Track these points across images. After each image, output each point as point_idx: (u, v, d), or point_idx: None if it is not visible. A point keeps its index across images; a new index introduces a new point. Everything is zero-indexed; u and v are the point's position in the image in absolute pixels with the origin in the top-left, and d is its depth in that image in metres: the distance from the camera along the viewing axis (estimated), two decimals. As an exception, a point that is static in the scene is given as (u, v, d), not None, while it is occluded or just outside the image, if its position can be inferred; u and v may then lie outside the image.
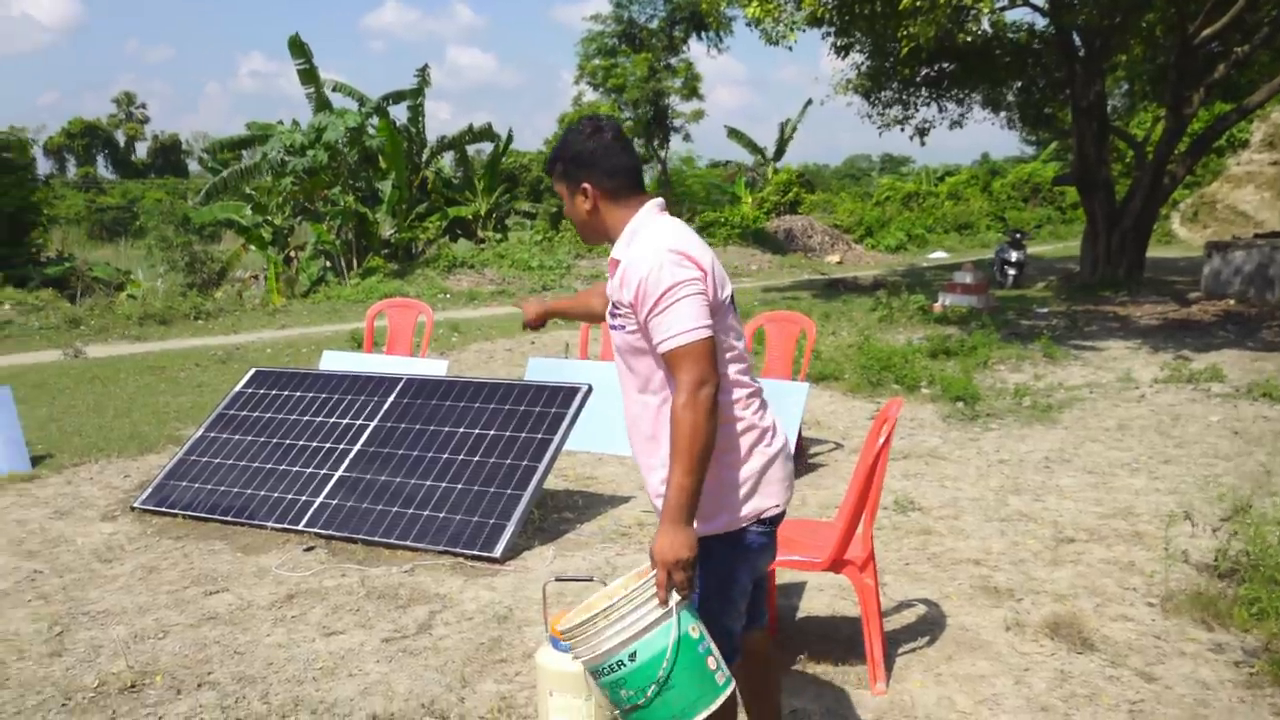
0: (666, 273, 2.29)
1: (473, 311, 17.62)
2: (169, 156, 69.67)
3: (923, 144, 22.80)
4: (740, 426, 2.43)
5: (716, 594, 2.41)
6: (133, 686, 3.65)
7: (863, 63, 17.98)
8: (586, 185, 2.47)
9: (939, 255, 30.87)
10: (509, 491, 5.13)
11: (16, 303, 16.19)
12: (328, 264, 22.14)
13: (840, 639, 3.97)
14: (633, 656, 2.19)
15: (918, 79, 18.41)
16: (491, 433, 5.50)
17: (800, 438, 6.44)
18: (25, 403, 8.58)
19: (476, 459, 5.37)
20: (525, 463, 5.26)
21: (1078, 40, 16.87)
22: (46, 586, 4.69)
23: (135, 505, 5.81)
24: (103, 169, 64.98)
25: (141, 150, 71.03)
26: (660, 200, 2.51)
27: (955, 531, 5.24)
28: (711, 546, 2.36)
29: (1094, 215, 17.83)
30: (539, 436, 5.38)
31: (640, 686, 2.19)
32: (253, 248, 22.26)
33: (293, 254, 22.76)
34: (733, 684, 2.29)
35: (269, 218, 22.31)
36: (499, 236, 26.16)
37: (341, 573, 4.79)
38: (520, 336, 13.69)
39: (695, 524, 2.28)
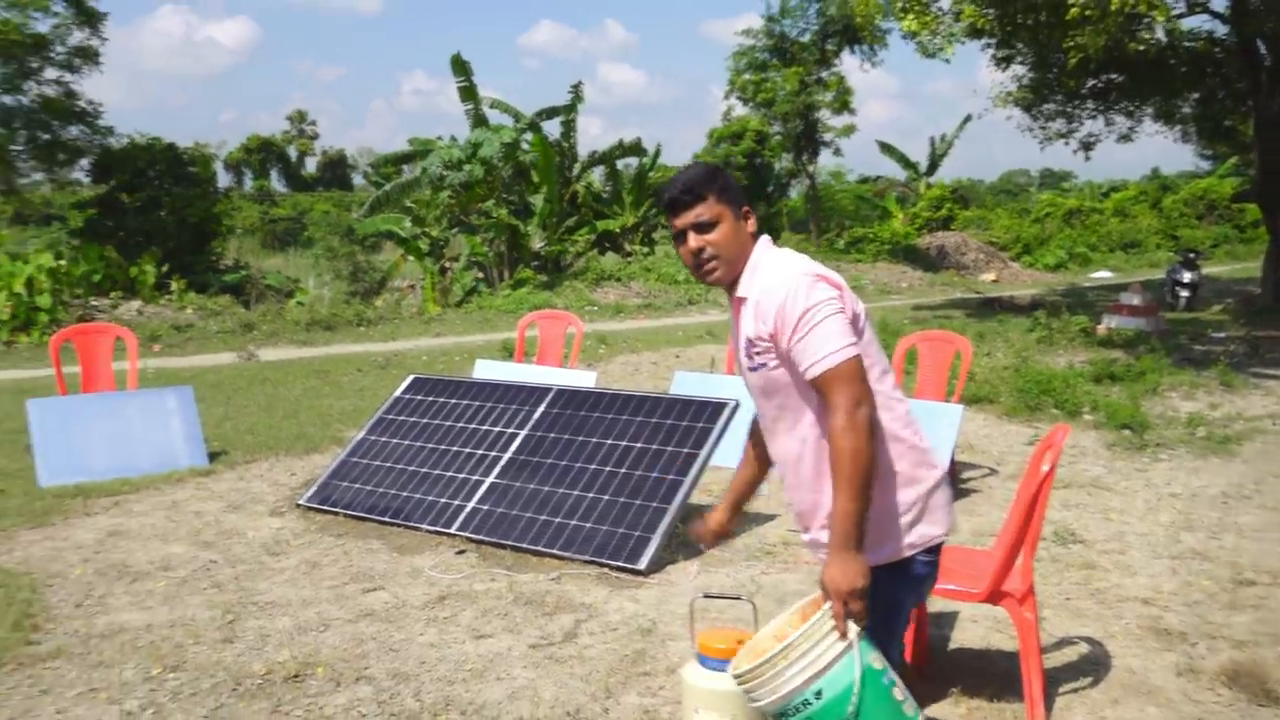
0: (803, 295, 2.25)
1: (618, 324, 17.84)
2: (336, 171, 73.28)
3: (1087, 159, 21.85)
4: (901, 448, 2.37)
5: (883, 624, 2.34)
6: (296, 676, 3.82)
7: (1024, 75, 17.39)
8: (748, 209, 2.46)
9: (1103, 275, 29.50)
10: (655, 505, 5.15)
11: (198, 307, 17.30)
12: (480, 275, 22.82)
13: (995, 674, 3.82)
14: (819, 695, 2.14)
15: (1083, 91, 17.67)
16: (639, 445, 5.54)
17: (953, 462, 6.23)
18: (203, 401, 9.14)
19: (623, 471, 5.41)
20: (671, 476, 5.27)
21: (1263, 49, 15.86)
22: (220, 576, 4.97)
23: (300, 502, 6.10)
24: (276, 182, 68.88)
25: (311, 165, 74.97)
26: (769, 237, 2.50)
27: (1121, 567, 4.97)
28: (878, 577, 2.26)
29: (1277, 234, 16.68)
30: (685, 451, 5.39)
31: None
32: (411, 258, 23.16)
33: (448, 265, 23.56)
34: (920, 714, 2.23)
35: (426, 230, 23.15)
36: (646, 250, 26.41)
37: (491, 577, 4.90)
38: (665, 349, 13.77)
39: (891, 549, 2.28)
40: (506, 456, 5.82)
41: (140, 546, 5.41)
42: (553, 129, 25.13)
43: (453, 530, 5.47)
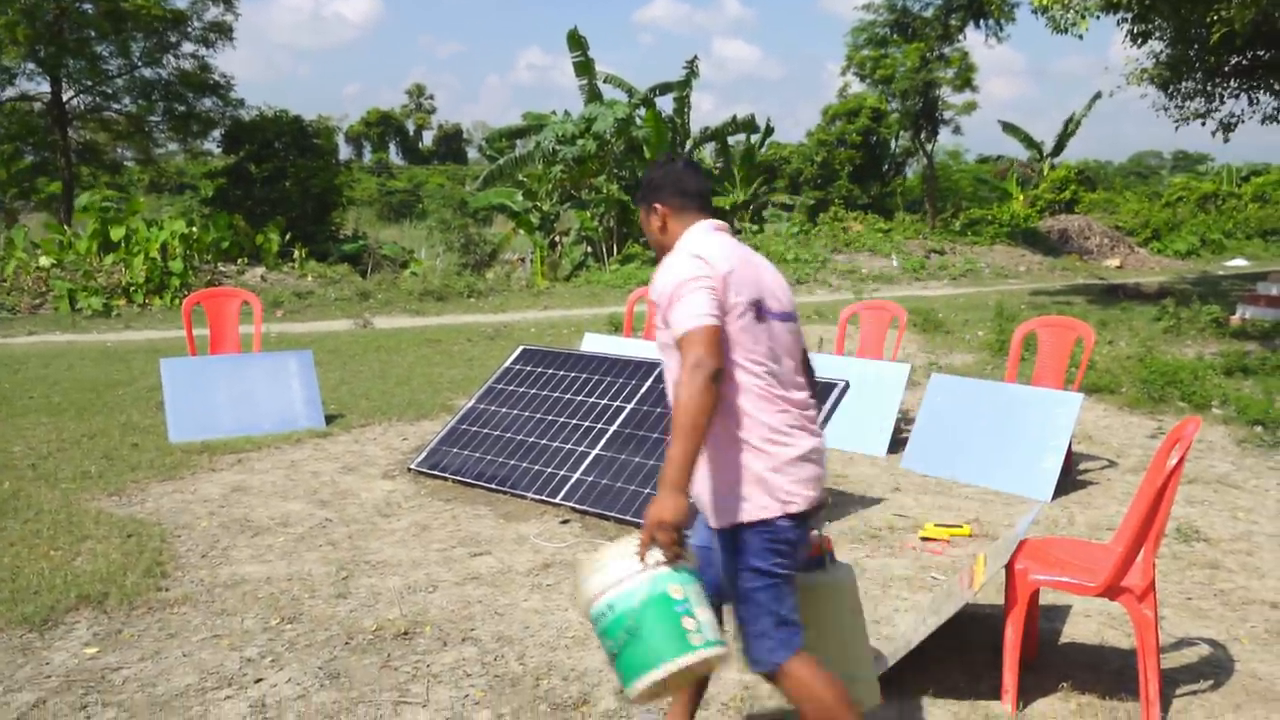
0: (682, 270, 2.54)
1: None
2: (451, 144, 74.66)
3: (1226, 140, 20.71)
4: (756, 422, 2.56)
5: (762, 587, 2.54)
6: (405, 634, 3.94)
7: (1162, 51, 16.55)
8: (657, 205, 2.77)
9: (1238, 263, 28.06)
10: (759, 483, 5.12)
11: (318, 276, 17.89)
12: (589, 250, 23.01)
13: (1109, 670, 3.69)
14: (611, 608, 2.38)
15: (1226, 68, 16.74)
16: (744, 423, 5.51)
17: (1070, 453, 6.03)
18: (321, 366, 9.47)
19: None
20: (777, 455, 5.23)
21: None
22: (335, 534, 5.15)
23: (411, 467, 6.27)
24: (394, 155, 70.57)
25: (428, 139, 76.59)
26: (717, 222, 2.74)
27: (1248, 569, 4.74)
28: (744, 536, 2.53)
29: None
30: (792, 430, 5.33)
31: (615, 636, 2.38)
32: (521, 232, 23.49)
33: (557, 239, 23.83)
34: (716, 649, 2.40)
35: (538, 204, 23.43)
36: (755, 228, 26.18)
37: (594, 547, 4.95)
38: (773, 329, 13.64)
39: (727, 517, 2.53)
40: (612, 429, 5.86)
41: (261, 503, 5.64)
42: (666, 104, 25.13)
43: (557, 500, 5.54)
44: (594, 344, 8.17)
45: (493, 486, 5.83)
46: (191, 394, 7.20)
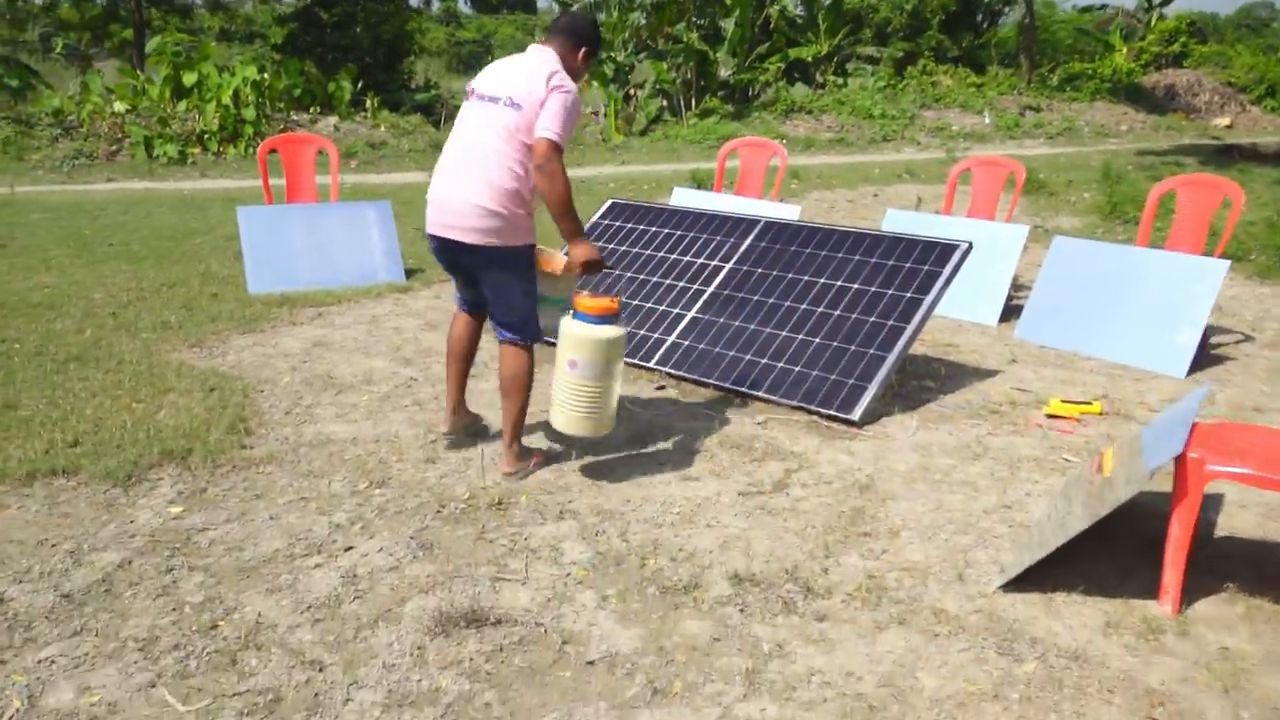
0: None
1: (809, 159, 16.99)
2: (520, -8, 72.19)
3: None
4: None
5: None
6: (499, 504, 3.71)
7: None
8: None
9: (1361, 125, 26.08)
10: (871, 351, 4.74)
11: (390, 125, 17.44)
12: (664, 103, 22.10)
13: (1276, 567, 3.32)
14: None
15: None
16: (855, 286, 5.09)
17: (1206, 328, 5.52)
18: (398, 219, 9.15)
19: (837, 313, 5.00)
20: (891, 322, 4.82)
21: None
22: (420, 394, 4.92)
23: (496, 325, 5.98)
24: (462, 4, 68.57)
25: (497, -14, 74.14)
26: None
27: None
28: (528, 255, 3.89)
29: None
30: (908, 295, 4.91)
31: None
32: (595, 84, 22.62)
33: (632, 92, 22.91)
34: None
35: (612, 54, 22.45)
36: (839, 81, 24.91)
37: (693, 416, 4.65)
38: (861, 187, 12.99)
39: (513, 240, 3.79)
40: (710, 290, 5.48)
41: (344, 359, 5.43)
42: (749, -54, 23.58)
43: (651, 364, 5.24)
44: (683, 199, 7.71)
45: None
46: (269, 244, 6.96)
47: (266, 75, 16.85)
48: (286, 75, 17.40)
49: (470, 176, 3.67)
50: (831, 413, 4.57)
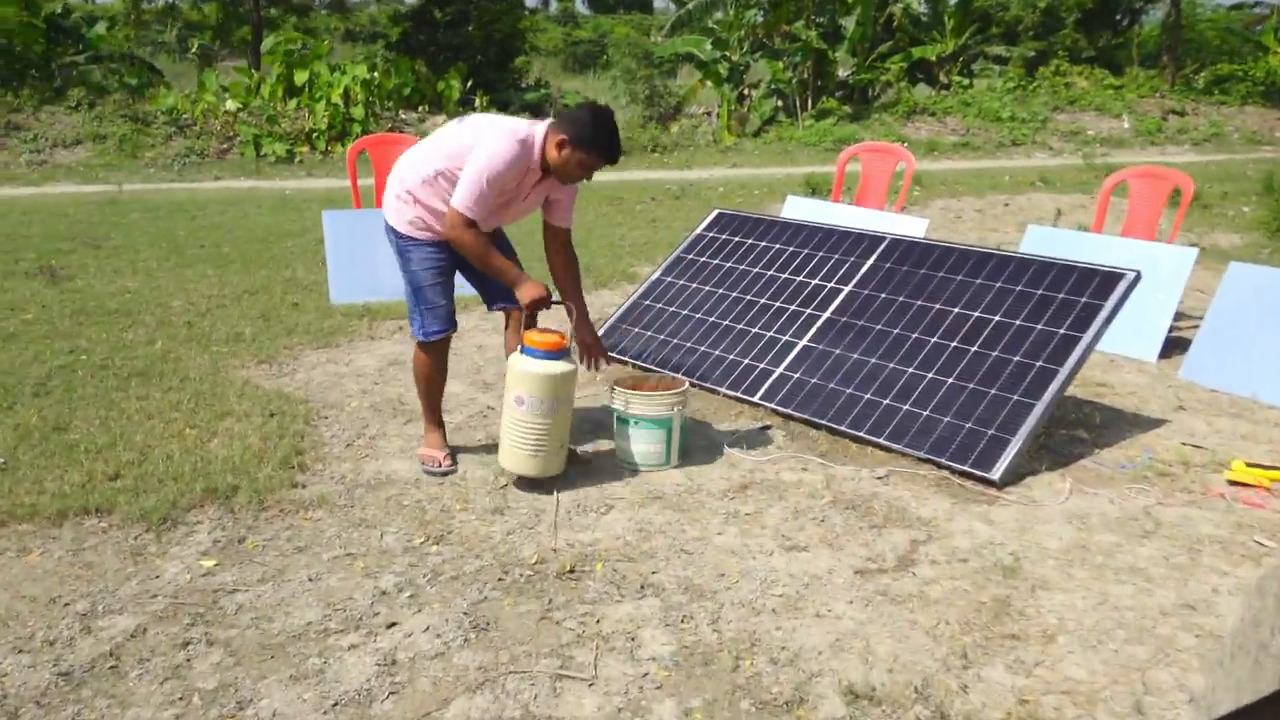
0: None
1: (932, 164, 16.07)
2: (638, -8, 72.02)
3: None
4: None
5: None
6: (570, 571, 3.16)
7: None
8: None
9: None
10: (1015, 397, 4.04)
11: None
12: (779, 104, 21.36)
13: None
14: None
15: None
16: (996, 319, 4.39)
17: None
18: (496, 223, 8.77)
19: (974, 350, 4.31)
20: (1040, 364, 4.11)
21: None
22: (496, 427, 4.41)
23: (586, 346, 5.47)
24: (579, 4, 68.79)
25: (614, -14, 74.13)
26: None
27: None
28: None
29: None
30: (1061, 332, 4.19)
31: None
32: (709, 84, 22.01)
33: (746, 92, 22.23)
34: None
35: (727, 53, 21.83)
36: (965, 82, 23.72)
37: (803, 465, 4.03)
38: (990, 196, 12.08)
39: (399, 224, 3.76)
40: (824, 316, 4.85)
41: (419, 381, 4.97)
42: (873, -59, 22.64)
43: (755, 399, 4.63)
44: (797, 209, 7.07)
45: (679, 377, 4.95)
46: (354, 251, 6.59)
47: (377, 74, 16.78)
48: (397, 74, 17.33)
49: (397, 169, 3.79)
50: (966, 469, 3.89)
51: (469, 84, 18.86)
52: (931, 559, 3.30)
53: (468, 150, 3.55)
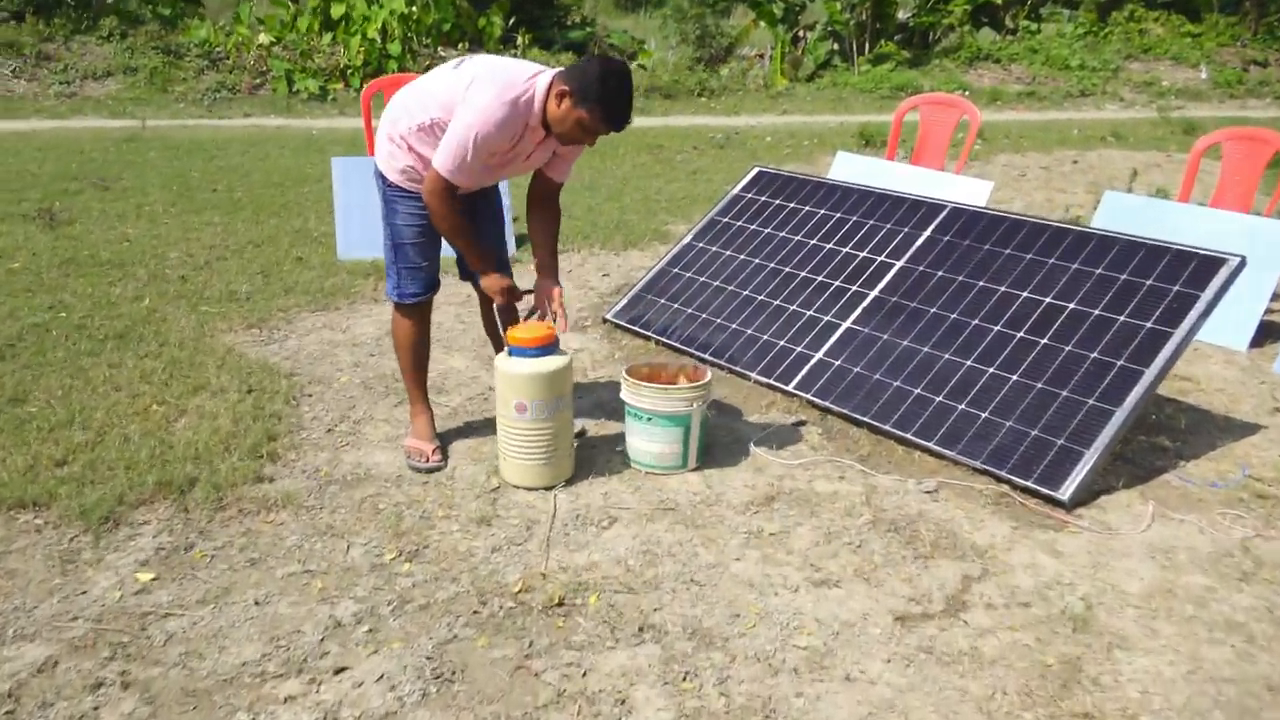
0: None
1: (995, 114, 15.19)
2: (693, -73, 70.13)
3: None
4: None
5: None
6: (559, 604, 2.70)
7: None
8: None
9: None
10: (1090, 402, 3.48)
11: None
12: (835, 46, 20.42)
13: None
14: None
15: None
16: (1071, 306, 3.81)
17: None
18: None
19: (1044, 342, 3.74)
20: (1121, 363, 3.54)
21: None
22: (495, 411, 3.95)
23: (607, 317, 4.97)
24: (633, -62, 67.03)
25: (669, -80, 72.24)
26: None
27: None
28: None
29: None
30: (1148, 325, 3.60)
31: None
32: (762, 24, 21.10)
33: (801, 33, 21.28)
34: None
35: (784, -9, 20.87)
36: (1033, 27, 22.52)
37: (840, 472, 3.52)
38: (1057, 152, 11.30)
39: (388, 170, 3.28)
40: (872, 294, 4.29)
41: (418, 353, 4.51)
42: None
43: (789, 387, 4.11)
44: (847, 167, 6.46)
45: (706, 357, 4.45)
46: (366, 201, 6.03)
47: (415, 8, 16.16)
48: (437, 9, 16.68)
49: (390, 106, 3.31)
50: (1030, 484, 3.35)
51: (511, 21, 18.16)
52: (987, 601, 2.79)
53: (460, 103, 3.03)
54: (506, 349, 3.27)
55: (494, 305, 3.63)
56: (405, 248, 3.33)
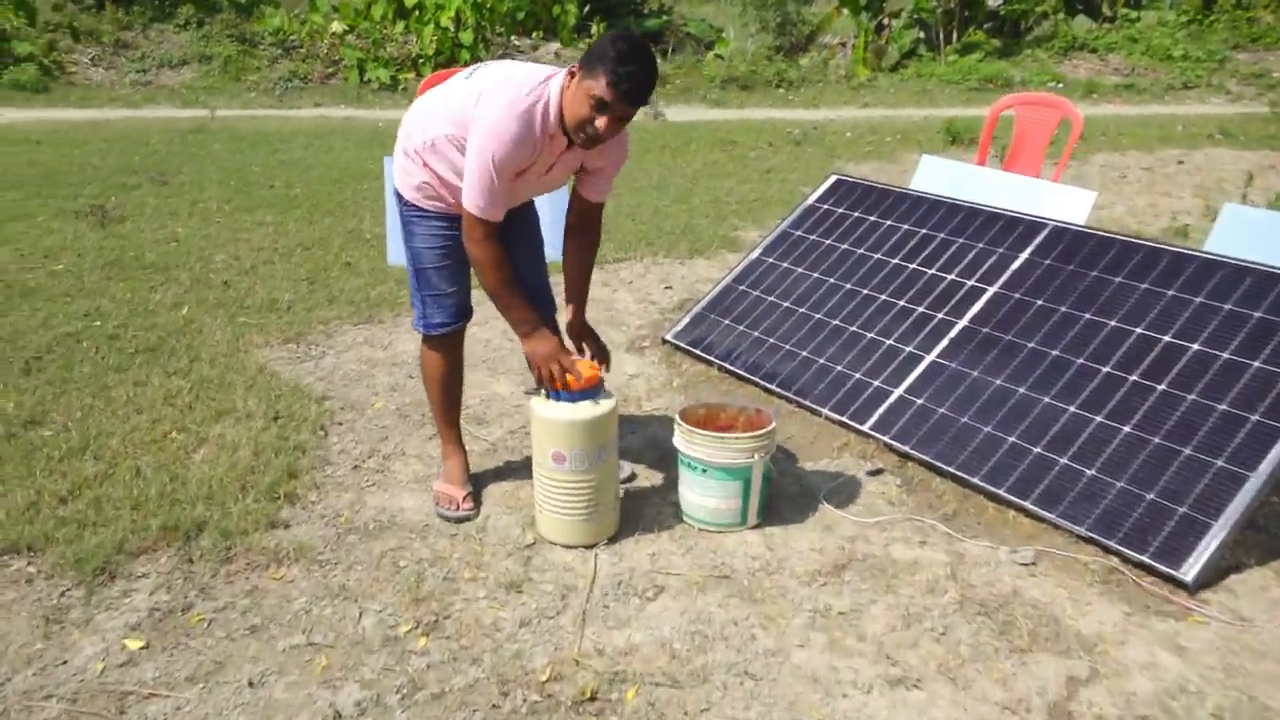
0: None
1: (1091, 108, 14.35)
2: (777, -89, 69.00)
3: None
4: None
5: None
6: (592, 699, 2.34)
7: None
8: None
9: None
10: (1219, 463, 2.99)
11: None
12: (921, 35, 19.66)
13: None
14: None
15: None
16: (1194, 347, 3.31)
17: None
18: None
19: (1161, 388, 3.25)
20: (1257, 417, 3.04)
21: None
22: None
23: (666, 337, 4.59)
24: (715, -77, 66.26)
25: (752, -96, 71.16)
26: None
27: None
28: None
29: None
30: (1289, 374, 3.10)
31: None
32: (845, 11, 20.42)
33: (886, 21, 20.54)
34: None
35: (867, -22, 20.15)
36: (1133, 16, 21.43)
37: (922, 535, 3.09)
38: (1160, 151, 10.55)
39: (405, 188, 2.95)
40: (961, 324, 3.84)
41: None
42: None
43: (865, 427, 3.68)
44: (933, 172, 5.96)
45: (772, 387, 4.04)
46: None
47: (491, -4, 15.90)
48: (512, -3, 16.40)
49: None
50: (1145, 559, 2.89)
51: (585, 8, 17.81)
52: (1097, 712, 2.35)
53: (471, 121, 2.68)
54: (544, 390, 2.91)
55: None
56: (428, 273, 3.00)
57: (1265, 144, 10.92)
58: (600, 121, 2.61)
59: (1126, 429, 3.20)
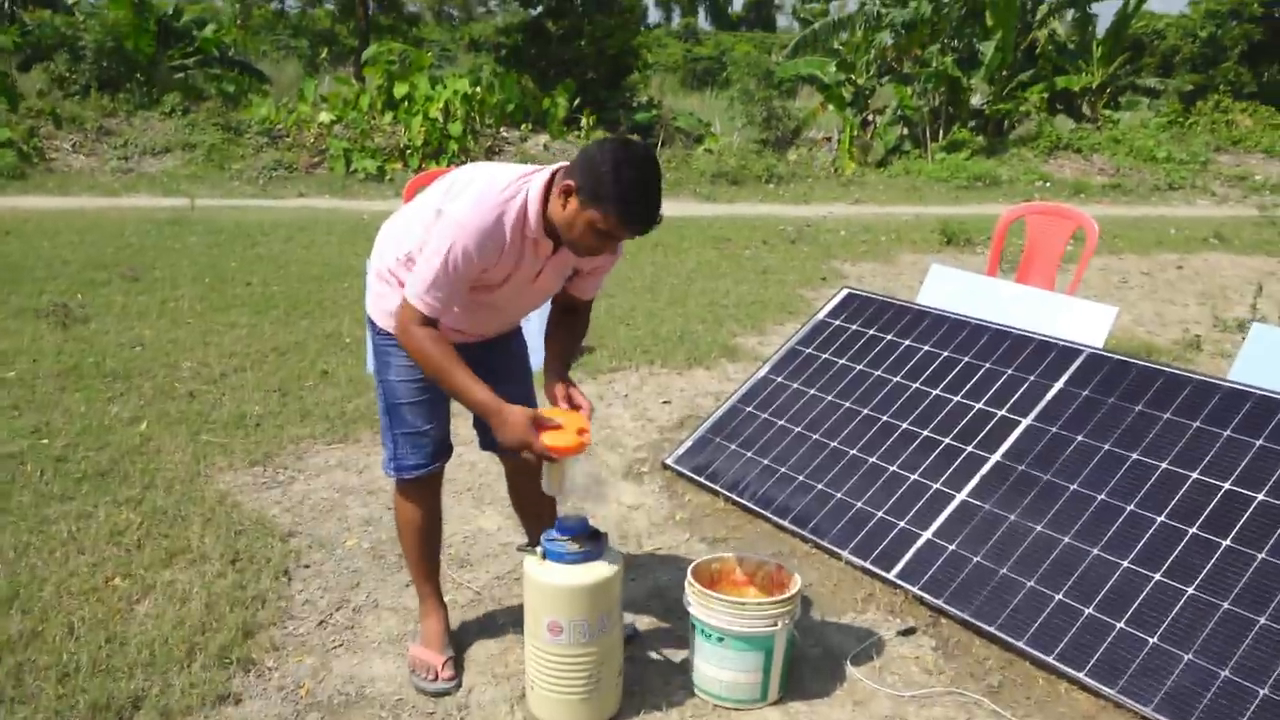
0: None
1: (1079, 208, 14.30)
2: (761, 11, 70.62)
3: None
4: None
5: None
6: None
7: None
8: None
9: None
10: (1301, 635, 2.64)
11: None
12: (905, 132, 19.82)
13: None
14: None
15: None
16: (1260, 497, 2.99)
17: None
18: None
19: (1225, 543, 2.92)
20: (1340, 583, 2.70)
21: None
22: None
23: (667, 462, 4.24)
24: (702, 20, 67.78)
25: (737, 3, 72.98)
26: None
27: None
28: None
29: None
30: (1372, 533, 2.77)
31: None
32: (830, 107, 20.60)
33: (870, 118, 20.74)
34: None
35: (852, 76, 20.41)
36: (1115, 116, 21.72)
37: (965, 713, 2.71)
38: (1156, 254, 10.44)
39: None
40: (994, 459, 3.51)
41: (445, 507, 3.80)
42: (1017, -40, 20.88)
43: (891, 575, 3.32)
44: (943, 284, 5.69)
45: (787, 524, 3.68)
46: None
47: (480, 89, 15.89)
48: (502, 89, 16.42)
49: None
50: (1226, 751, 2.52)
51: (576, 102, 17.86)
52: None
53: (441, 215, 2.40)
54: (540, 551, 2.54)
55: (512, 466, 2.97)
56: (400, 409, 2.69)
57: (1261, 249, 10.83)
58: (607, 248, 2.45)
59: (1190, 590, 2.86)
